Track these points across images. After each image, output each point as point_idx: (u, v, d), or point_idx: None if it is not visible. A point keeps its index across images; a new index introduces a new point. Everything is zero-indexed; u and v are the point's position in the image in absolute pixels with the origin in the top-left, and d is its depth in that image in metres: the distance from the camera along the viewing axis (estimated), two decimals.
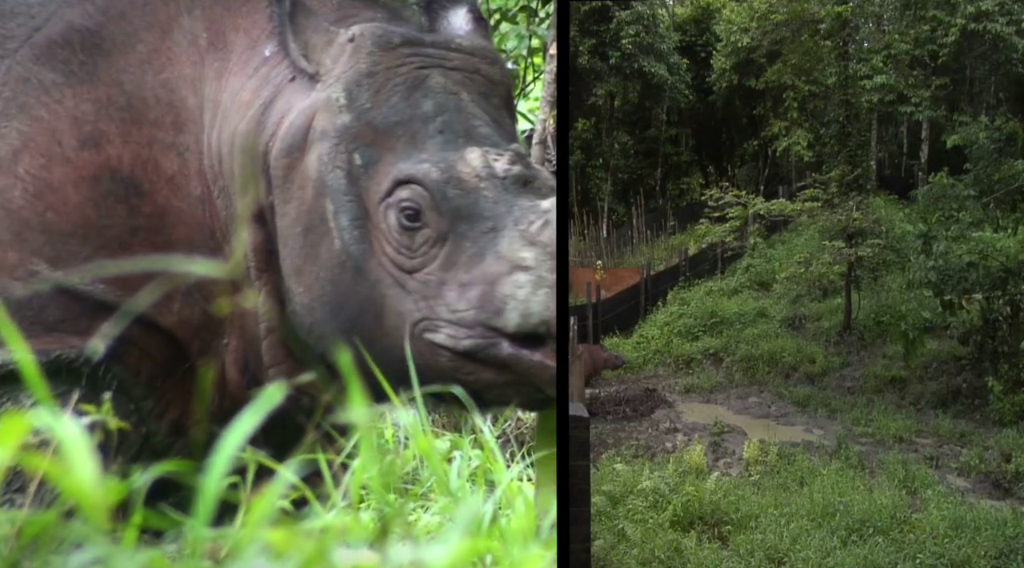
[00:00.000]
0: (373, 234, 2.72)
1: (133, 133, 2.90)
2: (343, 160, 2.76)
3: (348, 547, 1.17)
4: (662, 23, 15.50)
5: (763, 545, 5.76)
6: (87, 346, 2.78)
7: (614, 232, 15.29)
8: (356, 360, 2.30)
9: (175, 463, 1.35)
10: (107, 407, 2.29)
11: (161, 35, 3.01)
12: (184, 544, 1.62)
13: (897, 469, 7.08)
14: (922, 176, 13.24)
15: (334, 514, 1.67)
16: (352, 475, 1.66)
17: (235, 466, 1.68)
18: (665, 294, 12.08)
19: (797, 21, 12.46)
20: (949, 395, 8.74)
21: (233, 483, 1.95)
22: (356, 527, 1.27)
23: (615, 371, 9.94)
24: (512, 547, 1.53)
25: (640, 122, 16.38)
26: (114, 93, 2.92)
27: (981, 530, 5.86)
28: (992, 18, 12.48)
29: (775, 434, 8.13)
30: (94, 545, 0.96)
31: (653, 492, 6.36)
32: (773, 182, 15.10)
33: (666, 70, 15.07)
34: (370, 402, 2.06)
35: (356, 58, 2.82)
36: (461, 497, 1.80)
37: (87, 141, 2.87)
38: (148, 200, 2.88)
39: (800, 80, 13.57)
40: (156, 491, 1.59)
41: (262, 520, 1.08)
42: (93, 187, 2.85)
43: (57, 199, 2.83)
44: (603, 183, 15.61)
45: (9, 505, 2.38)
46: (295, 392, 2.51)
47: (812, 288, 11.14)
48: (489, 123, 2.82)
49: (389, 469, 1.16)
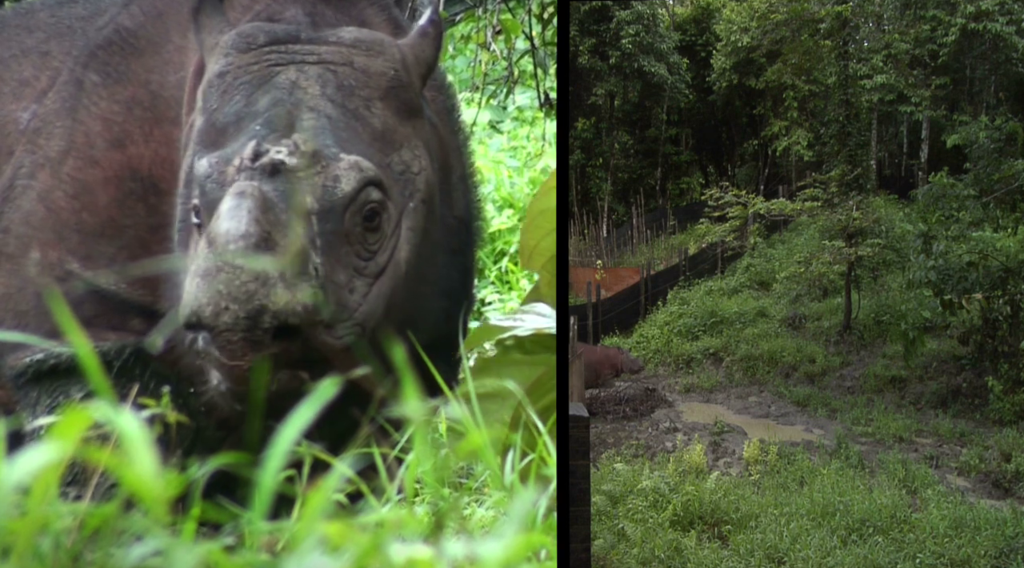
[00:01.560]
0: (191, 234, 2.71)
1: (154, 132, 2.92)
2: (188, 163, 2.75)
3: (403, 541, 1.18)
4: (662, 23, 15.49)
5: (763, 545, 5.76)
6: (144, 341, 2.80)
7: (614, 232, 15.29)
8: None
9: (233, 456, 1.36)
10: (166, 401, 2.30)
11: (185, 34, 3.01)
12: (241, 537, 1.63)
13: (897, 469, 7.08)
14: (922, 176, 13.23)
15: (389, 508, 1.67)
16: (407, 469, 1.66)
17: (291, 460, 1.70)
18: (665, 294, 12.08)
19: (797, 21, 12.47)
20: (949, 395, 8.74)
21: (289, 477, 1.96)
22: (411, 521, 1.27)
23: (634, 375, 9.93)
24: None
25: (640, 122, 16.38)
26: (140, 93, 2.94)
27: (981, 530, 5.85)
28: (992, 18, 12.48)
29: (775, 434, 8.13)
30: (153, 538, 0.98)
31: (653, 492, 6.36)
32: (773, 182, 15.10)
33: (666, 70, 15.07)
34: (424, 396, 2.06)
35: (216, 60, 2.79)
36: (515, 491, 1.80)
37: (115, 142, 2.90)
38: (167, 199, 2.89)
39: (800, 80, 13.57)
40: (215, 485, 1.59)
41: (318, 513, 1.09)
42: (118, 187, 2.88)
43: (91, 200, 2.86)
44: (603, 183, 15.61)
45: (71, 498, 2.40)
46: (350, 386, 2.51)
47: (812, 288, 11.14)
48: (333, 114, 2.70)
49: (443, 463, 1.16)
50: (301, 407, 1.14)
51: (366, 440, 2.29)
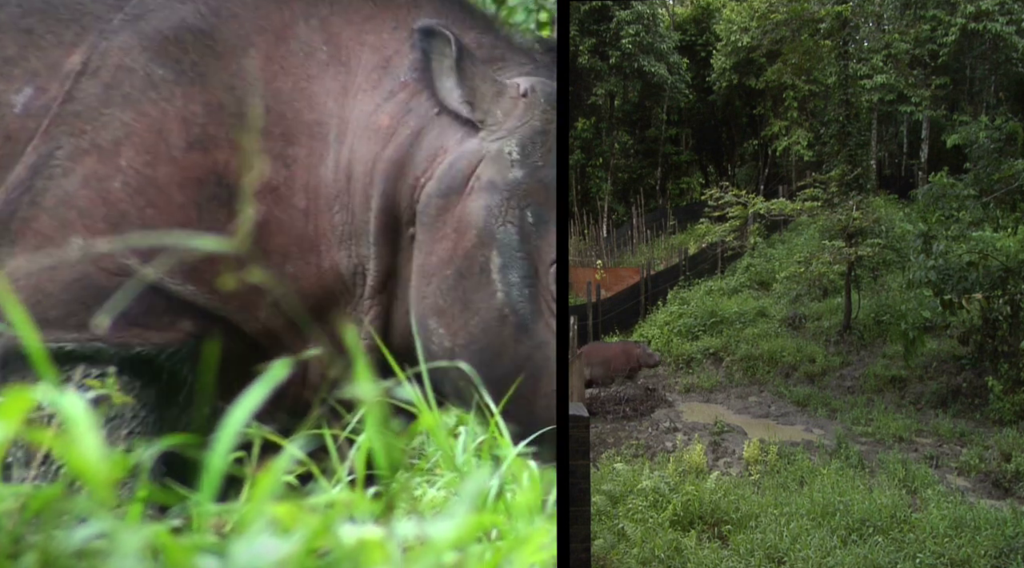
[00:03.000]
0: (542, 295, 2.74)
1: (243, 141, 2.90)
2: (514, 216, 2.77)
3: (353, 522, 1.17)
4: (662, 23, 15.50)
5: (763, 544, 5.76)
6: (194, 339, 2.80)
7: (614, 232, 15.29)
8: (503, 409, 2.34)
9: (180, 437, 1.35)
10: (112, 382, 2.29)
11: (275, 42, 2.99)
12: (189, 519, 1.63)
13: (897, 468, 7.08)
14: (922, 176, 13.24)
15: (339, 489, 1.66)
16: (357, 450, 1.65)
17: (241, 441, 1.68)
18: (665, 294, 12.08)
19: (797, 21, 12.46)
20: (949, 395, 8.74)
21: (238, 458, 1.96)
22: (361, 502, 1.27)
23: (652, 369, 9.92)
24: (517, 522, 1.54)
25: (640, 122, 16.38)
26: (226, 99, 2.91)
27: (981, 530, 5.86)
28: (992, 18, 12.48)
29: (775, 433, 8.13)
30: (98, 520, 0.96)
31: (653, 491, 6.37)
32: (773, 182, 15.10)
33: (666, 70, 15.07)
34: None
35: (530, 113, 2.85)
36: (467, 472, 1.79)
37: (195, 143, 2.86)
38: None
39: (800, 80, 13.57)
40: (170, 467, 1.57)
41: (267, 495, 1.08)
42: (198, 189, 2.85)
43: (160, 197, 2.82)
44: (603, 183, 15.61)
45: (14, 479, 2.38)
46: None
47: (812, 288, 11.14)
48: None
49: (395, 444, 1.15)
50: (252, 388, 1.13)
51: (317, 421, 2.30)
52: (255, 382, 1.12)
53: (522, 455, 1.84)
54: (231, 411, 1.10)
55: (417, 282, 2.86)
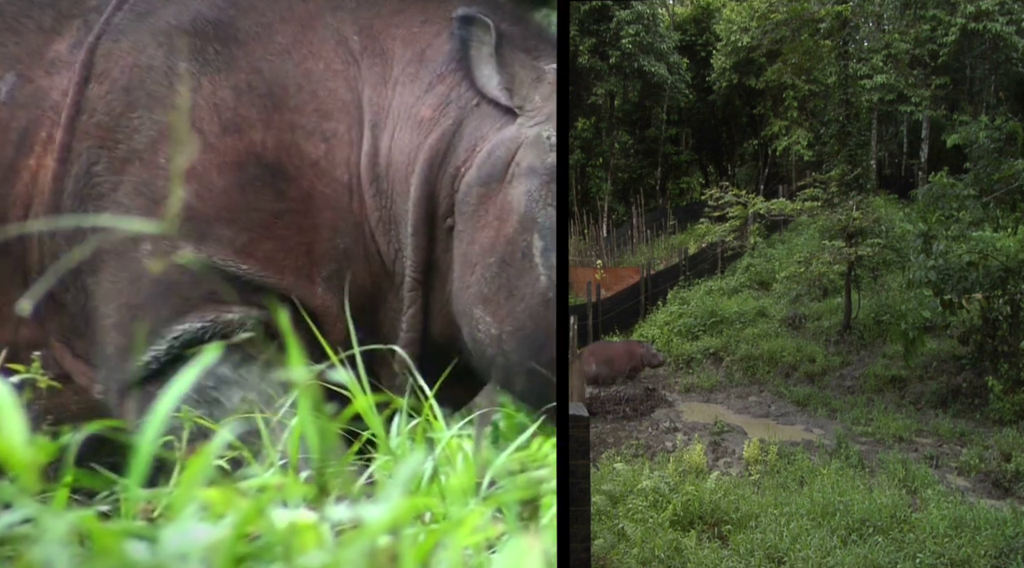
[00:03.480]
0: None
1: (274, 119, 2.92)
2: (554, 198, 2.78)
3: (286, 506, 1.16)
4: (662, 23, 15.49)
5: (763, 544, 5.76)
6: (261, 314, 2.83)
7: (614, 232, 15.29)
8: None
9: (108, 422, 1.34)
10: (36, 365, 2.30)
11: (301, 29, 3.02)
12: (117, 504, 1.61)
13: (897, 468, 7.08)
14: (922, 175, 13.24)
15: (272, 473, 1.64)
16: (290, 434, 1.63)
17: (171, 426, 1.66)
18: (665, 293, 12.08)
19: (797, 20, 12.46)
20: (949, 395, 8.74)
21: (168, 442, 1.95)
22: (294, 486, 1.25)
23: (655, 369, 9.92)
24: (452, 504, 1.52)
25: (640, 122, 16.38)
26: (254, 80, 2.93)
27: (981, 529, 5.85)
28: (992, 18, 12.48)
29: (775, 433, 8.13)
30: (23, 505, 0.93)
31: (653, 491, 6.36)
32: (773, 182, 15.10)
33: (666, 70, 15.07)
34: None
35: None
36: (400, 455, 1.78)
37: (229, 127, 2.88)
38: (294, 185, 2.90)
39: (800, 79, 13.57)
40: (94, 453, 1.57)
41: (197, 479, 1.06)
42: (238, 172, 2.87)
43: (201, 185, 2.84)
44: (603, 183, 15.61)
45: None
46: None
47: (812, 288, 11.14)
48: None
49: (329, 428, 1.13)
50: (182, 373, 1.12)
51: (249, 406, 2.31)
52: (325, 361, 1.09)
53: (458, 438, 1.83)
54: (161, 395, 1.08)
55: (460, 271, 2.87)
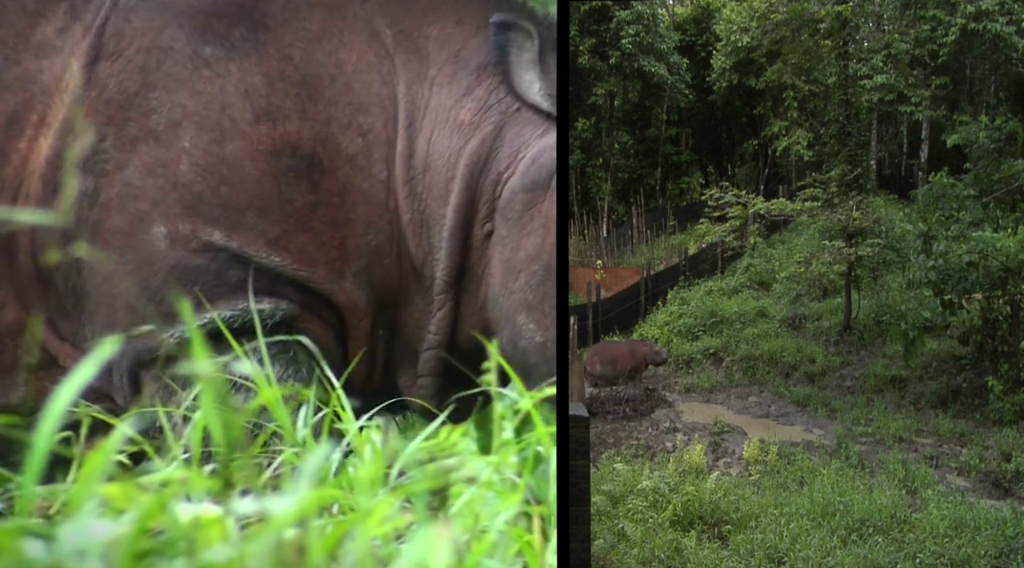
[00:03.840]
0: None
1: (309, 110, 2.87)
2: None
3: (190, 500, 1.15)
4: (662, 23, 15.50)
5: (763, 544, 5.76)
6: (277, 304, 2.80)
7: (614, 232, 15.29)
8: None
9: (2, 417, 1.31)
10: None
11: (329, 16, 2.97)
12: (12, 502, 1.59)
13: (897, 469, 7.08)
14: (922, 176, 13.25)
15: (175, 467, 1.62)
16: (193, 427, 1.63)
17: (69, 420, 1.64)
18: (665, 294, 12.08)
19: (797, 21, 12.47)
20: (949, 395, 8.74)
21: (66, 438, 1.93)
22: (198, 480, 1.24)
23: (658, 367, 9.91)
24: (360, 495, 1.51)
25: (640, 122, 16.38)
26: (286, 68, 2.88)
27: (981, 530, 5.85)
28: (992, 18, 12.49)
29: (775, 434, 8.13)
30: None
31: (653, 492, 6.37)
32: (773, 182, 15.11)
33: (666, 70, 15.07)
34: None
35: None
36: (307, 447, 1.77)
37: (262, 115, 2.84)
38: (330, 178, 2.86)
39: (800, 80, 13.58)
40: None
41: (97, 475, 1.04)
42: (272, 162, 2.83)
43: (232, 173, 2.80)
44: (603, 183, 15.61)
45: None
46: None
47: (812, 288, 11.14)
48: None
49: (233, 421, 1.12)
50: (80, 366, 1.09)
51: (151, 399, 2.27)
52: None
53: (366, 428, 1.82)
54: (58, 390, 1.05)
55: (503, 278, 2.84)
